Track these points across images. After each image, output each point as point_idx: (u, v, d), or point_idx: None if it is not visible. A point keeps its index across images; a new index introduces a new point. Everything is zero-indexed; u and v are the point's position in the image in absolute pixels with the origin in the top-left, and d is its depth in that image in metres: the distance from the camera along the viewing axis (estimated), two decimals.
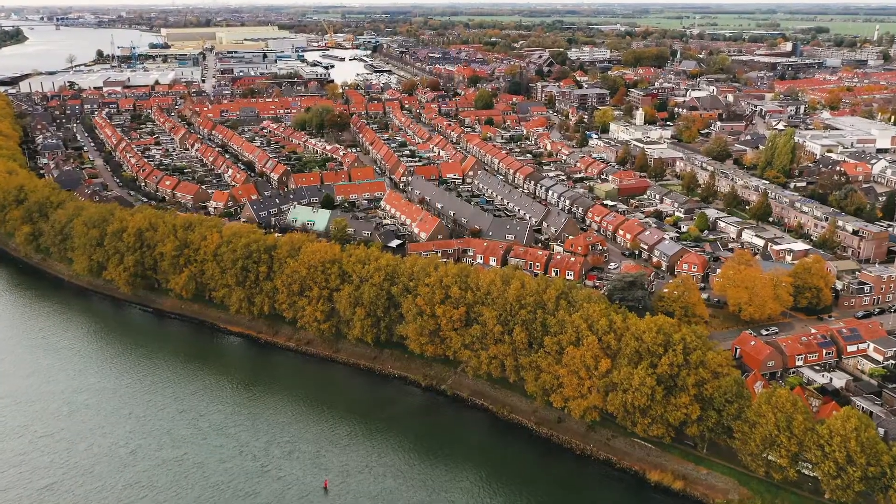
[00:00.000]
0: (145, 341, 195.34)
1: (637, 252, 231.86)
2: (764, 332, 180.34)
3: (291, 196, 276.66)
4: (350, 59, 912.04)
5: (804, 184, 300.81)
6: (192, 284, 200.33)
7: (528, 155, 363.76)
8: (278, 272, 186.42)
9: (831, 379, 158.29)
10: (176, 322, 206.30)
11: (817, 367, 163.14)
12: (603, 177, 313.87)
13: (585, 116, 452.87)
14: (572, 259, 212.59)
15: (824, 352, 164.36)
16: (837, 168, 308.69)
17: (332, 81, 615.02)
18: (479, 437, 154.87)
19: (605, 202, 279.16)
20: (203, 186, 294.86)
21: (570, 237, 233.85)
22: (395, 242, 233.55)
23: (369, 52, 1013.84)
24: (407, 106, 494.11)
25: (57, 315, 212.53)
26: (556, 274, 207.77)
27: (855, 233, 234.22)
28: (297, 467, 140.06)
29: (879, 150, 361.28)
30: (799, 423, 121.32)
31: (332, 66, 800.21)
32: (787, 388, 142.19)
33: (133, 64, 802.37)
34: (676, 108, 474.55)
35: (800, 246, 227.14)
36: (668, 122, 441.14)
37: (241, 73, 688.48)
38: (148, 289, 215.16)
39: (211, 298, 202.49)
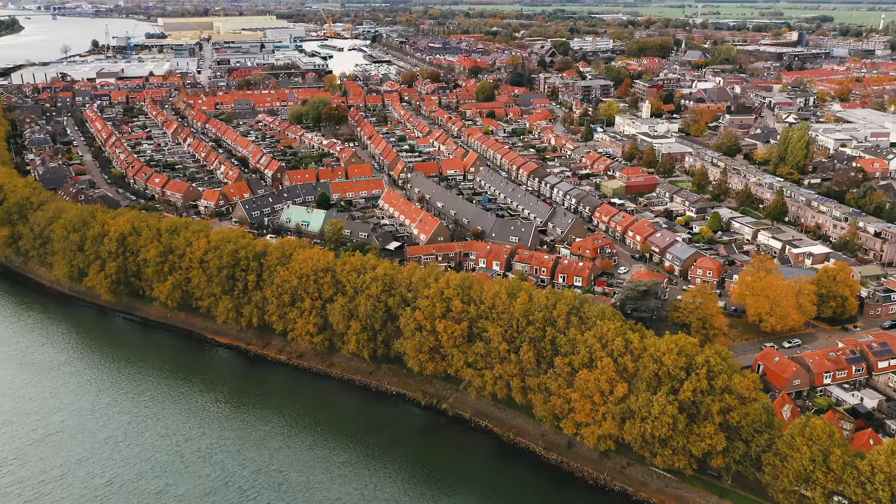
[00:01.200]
0: (128, 354, 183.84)
1: (648, 255, 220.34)
2: (786, 345, 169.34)
3: (285, 195, 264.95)
4: (349, 50, 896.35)
5: (818, 181, 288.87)
6: (178, 293, 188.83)
7: (532, 150, 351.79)
8: (268, 281, 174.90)
9: (862, 399, 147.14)
10: (161, 332, 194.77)
11: (846, 386, 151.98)
12: (610, 173, 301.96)
13: (590, 109, 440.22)
14: (580, 264, 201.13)
15: (853, 368, 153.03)
16: (853, 164, 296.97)
17: (331, 72, 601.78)
18: (483, 463, 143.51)
19: (612, 200, 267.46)
20: (194, 184, 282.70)
21: (578, 239, 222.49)
22: (393, 245, 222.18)
23: (369, 41, 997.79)
24: (406, 98, 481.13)
25: (36, 324, 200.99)
26: (564, 280, 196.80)
27: (877, 234, 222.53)
28: (287, 501, 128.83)
29: (893, 144, 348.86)
30: (836, 458, 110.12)
31: (331, 57, 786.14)
32: (818, 415, 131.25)
33: (128, 55, 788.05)
34: (683, 101, 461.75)
35: (820, 249, 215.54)
36: (674, 115, 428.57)
37: (237, 64, 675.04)
38: (133, 296, 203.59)
39: (198, 307, 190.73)
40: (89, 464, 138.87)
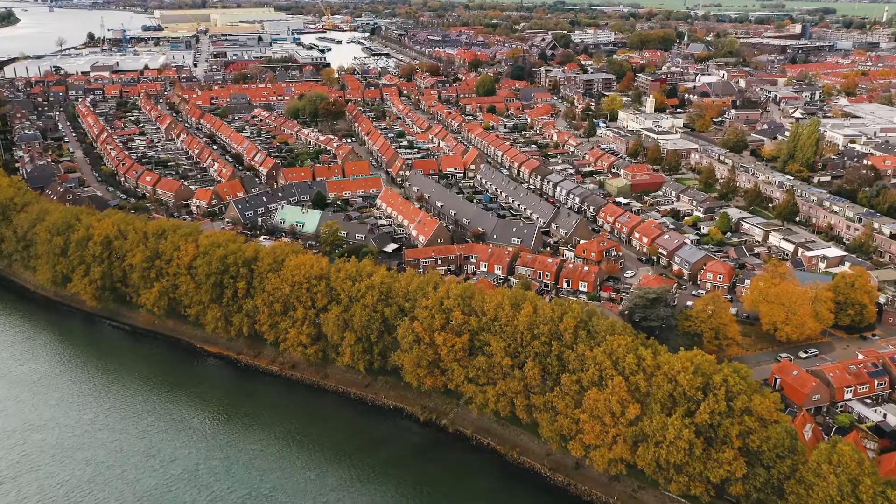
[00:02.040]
0: (113, 364, 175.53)
1: (655, 258, 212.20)
2: (802, 355, 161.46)
3: (280, 194, 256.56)
4: (348, 42, 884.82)
5: (828, 178, 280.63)
6: (165, 300, 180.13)
7: (533, 146, 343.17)
8: (258, 289, 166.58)
9: (885, 415, 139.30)
10: (149, 340, 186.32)
11: (868, 401, 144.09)
12: (614, 171, 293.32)
13: (592, 103, 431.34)
14: (586, 268, 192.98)
15: (876, 382, 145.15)
16: (864, 161, 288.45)
17: (329, 66, 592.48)
18: (485, 485, 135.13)
19: (617, 199, 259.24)
20: (186, 182, 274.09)
21: (582, 241, 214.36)
22: (391, 247, 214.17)
23: (367, 34, 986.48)
24: (405, 92, 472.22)
25: (18, 332, 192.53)
26: (568, 285, 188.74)
27: (893, 236, 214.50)
28: None
29: None
30: (867, 488, 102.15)
31: (329, 50, 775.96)
32: (841, 434, 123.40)
33: (124, 48, 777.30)
34: (687, 95, 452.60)
35: (834, 252, 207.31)
36: (678, 110, 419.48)
37: (234, 57, 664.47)
38: (119, 302, 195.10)
39: (187, 315, 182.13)
40: (68, 487, 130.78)
